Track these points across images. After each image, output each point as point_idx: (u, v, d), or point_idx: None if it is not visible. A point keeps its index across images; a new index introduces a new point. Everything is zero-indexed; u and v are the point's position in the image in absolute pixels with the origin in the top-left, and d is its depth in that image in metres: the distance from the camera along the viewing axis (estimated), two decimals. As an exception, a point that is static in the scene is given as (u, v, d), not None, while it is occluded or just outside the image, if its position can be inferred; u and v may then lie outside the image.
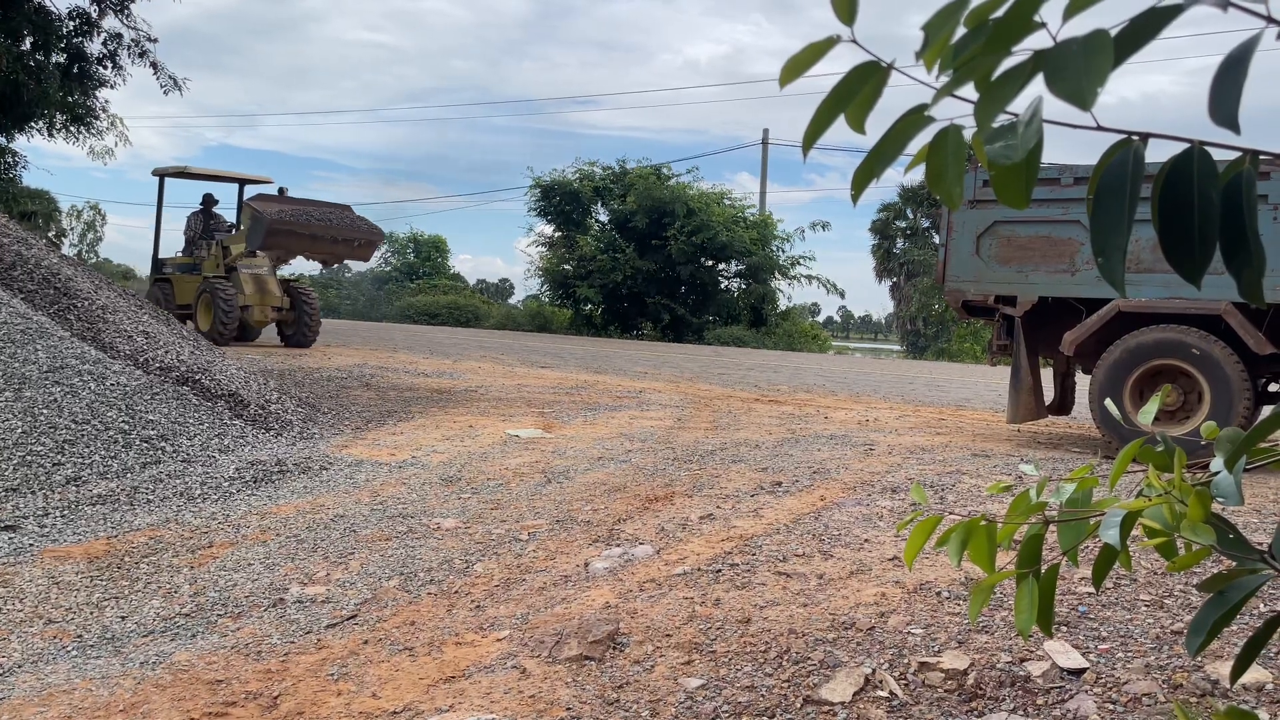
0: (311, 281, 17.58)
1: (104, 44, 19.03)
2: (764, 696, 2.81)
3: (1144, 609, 3.31)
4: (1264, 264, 0.90)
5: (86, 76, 19.25)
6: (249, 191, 17.54)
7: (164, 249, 17.91)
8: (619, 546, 4.34)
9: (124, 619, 3.82)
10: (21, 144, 22.07)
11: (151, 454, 6.17)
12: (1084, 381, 7.91)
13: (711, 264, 32.35)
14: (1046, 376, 7.93)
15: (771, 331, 31.83)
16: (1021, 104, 0.84)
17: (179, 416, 6.79)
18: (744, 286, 33.26)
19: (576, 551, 4.32)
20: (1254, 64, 0.82)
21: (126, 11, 18.81)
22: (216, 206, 17.74)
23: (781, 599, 3.54)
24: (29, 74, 17.35)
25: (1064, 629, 3.14)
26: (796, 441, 7.31)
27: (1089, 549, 3.49)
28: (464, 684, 2.99)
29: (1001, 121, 0.85)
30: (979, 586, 1.29)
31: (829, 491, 5.34)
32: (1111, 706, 2.67)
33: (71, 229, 53.97)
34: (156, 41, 19.29)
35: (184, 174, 17.36)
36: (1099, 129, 0.90)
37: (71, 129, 20.43)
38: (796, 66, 0.92)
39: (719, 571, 3.87)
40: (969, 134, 0.86)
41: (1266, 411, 6.67)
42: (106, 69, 19.36)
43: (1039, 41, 0.82)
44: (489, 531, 4.69)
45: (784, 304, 34.26)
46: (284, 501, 5.43)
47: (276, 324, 16.56)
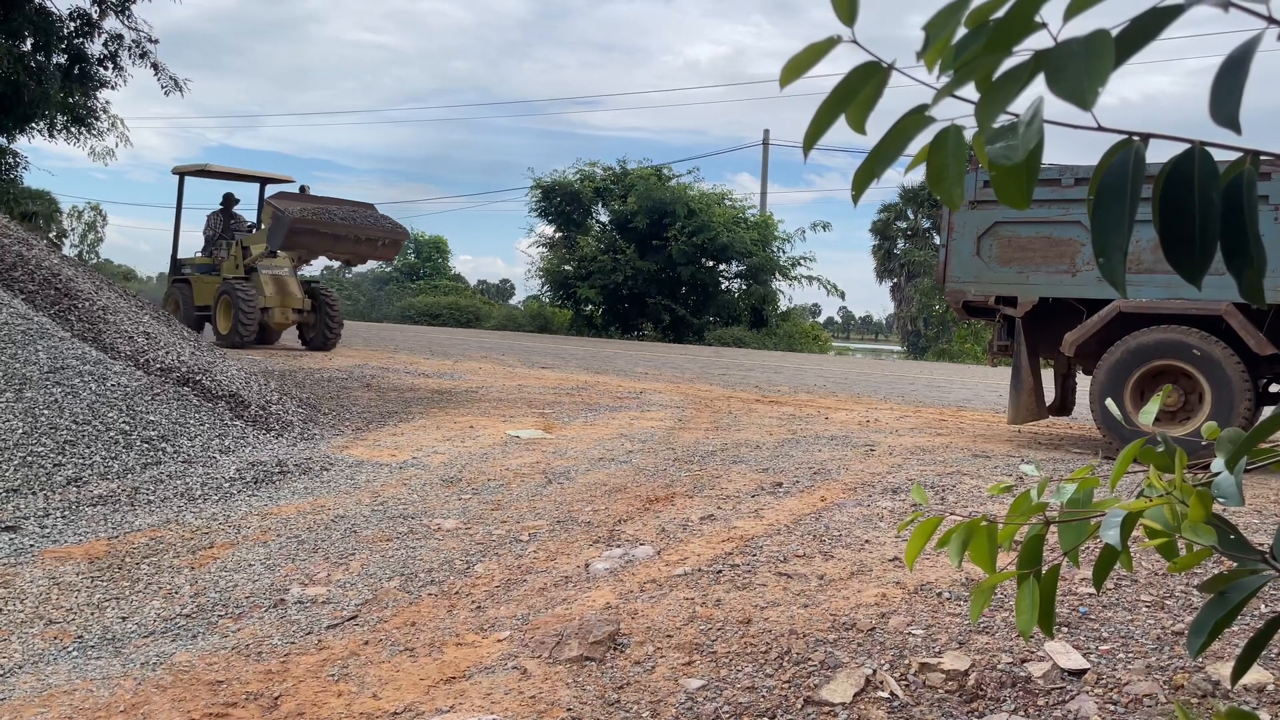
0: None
1: (105, 45, 19.02)
2: (765, 697, 2.81)
3: (1145, 610, 3.31)
4: (1265, 265, 0.90)
5: (87, 77, 19.24)
6: (270, 190, 17.00)
7: (183, 249, 17.50)
8: (619, 547, 4.34)
9: (125, 619, 3.82)
10: (22, 145, 22.14)
11: (152, 455, 6.17)
12: (1084, 382, 7.91)
13: (712, 265, 32.35)
14: (1047, 377, 7.93)
15: (772, 332, 31.82)
16: (1022, 104, 0.84)
17: (180, 417, 6.79)
18: (744, 287, 33.26)
19: (577, 552, 4.32)
20: (1255, 64, 0.82)
21: (127, 12, 18.80)
22: (237, 206, 17.33)
23: (782, 600, 3.54)
24: (30, 75, 17.35)
25: (1065, 630, 3.14)
26: (797, 442, 7.31)
27: (1090, 550, 3.49)
28: (464, 685, 2.99)
29: (1002, 122, 0.85)
30: (980, 587, 1.29)
31: (830, 492, 5.34)
32: (1112, 707, 2.67)
33: (72, 230, 53.92)
34: (157, 42, 19.27)
35: (204, 172, 16.95)
36: (1100, 129, 0.90)
37: (72, 130, 20.44)
38: (797, 67, 0.92)
39: (719, 572, 3.87)
40: (970, 134, 0.86)
41: (1267, 412, 6.66)
42: (107, 70, 19.34)
43: (1040, 42, 0.83)
44: (489, 532, 4.69)
45: (784, 305, 34.31)
46: (285, 502, 5.43)
47: (297, 326, 16.12)
